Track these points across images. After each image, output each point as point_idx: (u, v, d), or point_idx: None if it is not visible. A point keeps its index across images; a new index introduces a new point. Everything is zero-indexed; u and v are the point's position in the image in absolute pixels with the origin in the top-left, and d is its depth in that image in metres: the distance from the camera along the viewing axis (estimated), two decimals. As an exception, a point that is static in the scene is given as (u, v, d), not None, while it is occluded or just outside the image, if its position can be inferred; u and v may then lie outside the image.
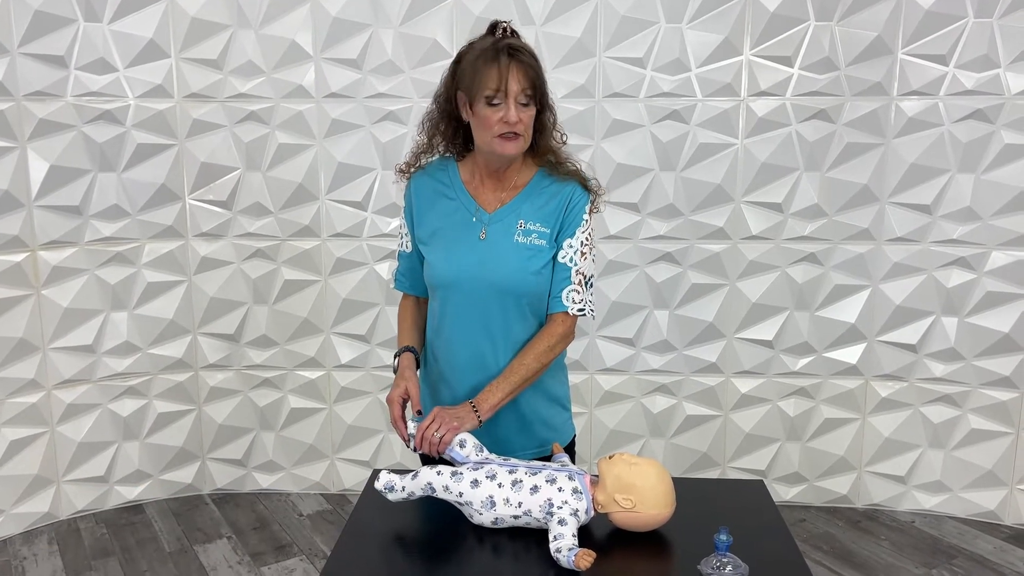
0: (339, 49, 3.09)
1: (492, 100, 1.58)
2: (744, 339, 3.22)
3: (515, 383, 1.66)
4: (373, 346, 3.32)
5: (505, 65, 1.57)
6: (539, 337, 1.70)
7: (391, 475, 1.57)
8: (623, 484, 1.50)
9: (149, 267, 3.20)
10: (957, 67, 2.93)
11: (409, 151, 1.79)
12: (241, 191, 3.20)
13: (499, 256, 1.67)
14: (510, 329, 1.70)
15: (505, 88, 1.57)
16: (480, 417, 1.62)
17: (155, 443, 3.33)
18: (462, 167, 1.76)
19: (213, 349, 3.33)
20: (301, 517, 3.26)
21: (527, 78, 1.59)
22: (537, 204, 1.70)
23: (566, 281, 1.70)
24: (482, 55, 1.59)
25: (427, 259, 1.74)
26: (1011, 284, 3.01)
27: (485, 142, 1.64)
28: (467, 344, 1.71)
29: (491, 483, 1.51)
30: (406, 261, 1.82)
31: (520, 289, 1.68)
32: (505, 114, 1.58)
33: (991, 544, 3.04)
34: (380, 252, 3.24)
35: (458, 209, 1.72)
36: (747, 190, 3.09)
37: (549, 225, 1.69)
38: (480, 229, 1.70)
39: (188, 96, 3.11)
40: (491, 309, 1.68)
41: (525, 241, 1.68)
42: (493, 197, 1.72)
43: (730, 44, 3.00)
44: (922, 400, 3.19)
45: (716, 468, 3.33)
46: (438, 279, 1.72)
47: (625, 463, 1.52)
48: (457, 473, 1.53)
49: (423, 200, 1.76)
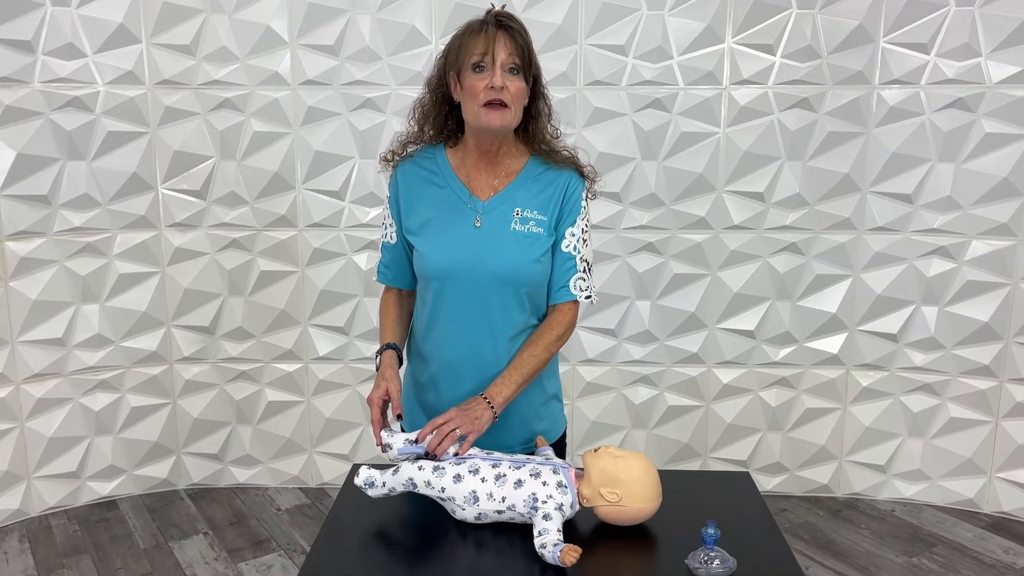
0: (315, 35, 3.02)
1: (478, 65, 1.55)
2: (726, 329, 3.20)
3: (526, 374, 1.63)
4: (352, 338, 3.27)
5: (492, 32, 1.55)
6: (547, 327, 1.67)
7: (371, 471, 1.53)
8: (608, 478, 1.47)
9: (121, 258, 3.13)
10: (938, 56, 2.92)
11: (394, 138, 1.74)
12: (215, 180, 3.14)
13: (496, 244, 1.63)
14: (509, 321, 1.66)
15: (492, 53, 1.54)
16: (495, 412, 1.58)
17: (129, 438, 3.26)
18: (451, 154, 1.71)
19: (188, 342, 3.26)
20: (279, 512, 3.21)
21: (515, 46, 1.56)
22: (533, 191, 1.66)
23: (572, 270, 1.67)
24: (470, 26, 1.58)
25: (418, 249, 1.68)
26: (990, 273, 3.01)
27: (472, 114, 1.59)
28: (464, 338, 1.66)
29: (474, 478, 1.48)
30: (390, 253, 1.76)
31: (520, 278, 1.64)
32: (490, 80, 1.54)
33: (970, 532, 3.06)
34: (358, 242, 3.18)
35: (449, 197, 1.68)
36: (729, 179, 3.07)
37: (546, 213, 1.66)
38: (474, 217, 1.65)
39: (160, 83, 3.04)
40: (489, 300, 1.64)
41: (523, 229, 1.64)
42: (486, 184, 1.67)
43: (712, 32, 2.97)
44: (902, 389, 3.20)
45: (698, 459, 3.32)
46: (432, 270, 1.66)
47: (610, 456, 1.50)
48: (439, 468, 1.49)
49: (411, 189, 1.70)
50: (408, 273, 1.77)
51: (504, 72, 1.55)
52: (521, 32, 1.58)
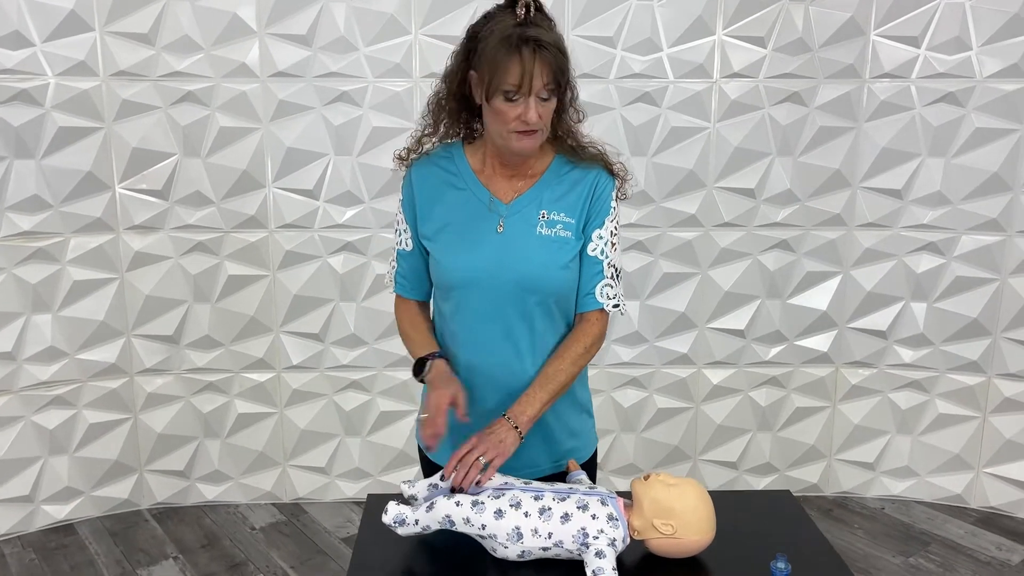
0: (286, 24, 2.83)
1: (511, 95, 1.40)
2: (716, 329, 3.13)
3: (553, 391, 1.50)
4: (327, 345, 3.10)
5: (529, 59, 1.37)
6: (574, 339, 1.54)
7: (401, 507, 1.39)
8: (662, 508, 1.36)
9: (75, 264, 2.90)
10: (929, 49, 2.88)
11: (410, 135, 1.59)
12: (178, 179, 2.92)
13: (521, 250, 1.50)
14: (536, 332, 1.53)
15: (529, 85, 1.38)
16: (521, 433, 1.45)
17: (86, 456, 3.03)
18: (470, 153, 1.57)
19: (150, 352, 3.04)
20: (254, 531, 3.02)
21: (551, 72, 1.39)
22: (559, 192, 1.53)
23: (599, 276, 1.54)
24: (503, 43, 1.37)
25: (435, 257, 1.55)
26: (979, 269, 3.00)
27: (499, 135, 1.46)
28: (487, 352, 1.53)
29: (516, 512, 1.35)
30: (407, 261, 1.62)
31: (548, 286, 1.51)
32: (524, 112, 1.40)
33: (961, 529, 3.05)
34: (334, 244, 3.01)
35: (469, 200, 1.54)
36: (720, 176, 2.99)
37: (574, 215, 1.53)
38: (497, 221, 1.52)
39: (115, 74, 2.81)
40: (514, 310, 1.51)
41: (549, 233, 1.51)
42: (507, 186, 1.54)
43: (703, 23, 2.87)
44: (891, 386, 3.17)
45: (687, 461, 3.24)
46: (451, 279, 1.53)
47: (662, 484, 1.39)
48: (478, 503, 1.36)
49: (427, 191, 1.56)
50: (425, 282, 1.63)
51: (537, 100, 1.40)
52: (558, 51, 1.39)
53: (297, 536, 2.99)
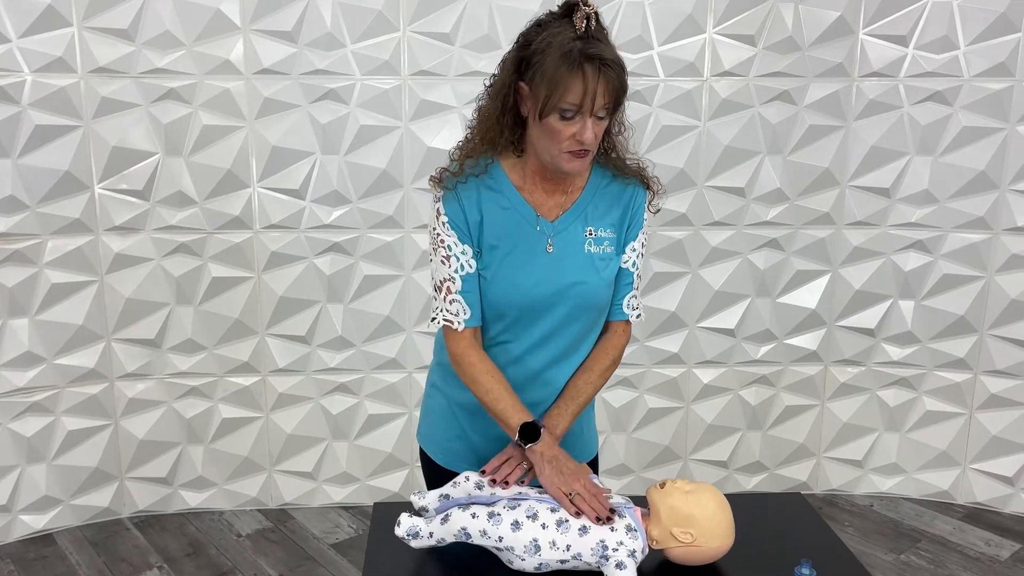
0: (271, 20, 2.77)
1: (568, 114, 1.34)
2: (706, 328, 3.12)
3: (582, 404, 1.51)
4: (314, 348, 3.04)
5: (592, 78, 1.31)
6: (603, 351, 1.55)
7: (415, 519, 1.35)
8: (680, 516, 1.34)
9: (53, 266, 2.81)
10: (917, 48, 2.89)
11: (453, 152, 1.49)
12: (160, 179, 2.85)
13: (573, 270, 1.48)
14: (581, 348, 1.54)
15: (591, 104, 1.33)
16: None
17: (65, 464, 2.95)
18: (508, 169, 1.48)
19: (131, 357, 2.97)
20: (240, 538, 2.96)
21: (613, 92, 1.34)
22: (601, 207, 1.51)
23: (628, 287, 1.55)
24: (564, 59, 1.30)
25: (486, 279, 1.48)
26: (966, 266, 3.02)
27: (548, 153, 1.40)
28: (530, 367, 1.51)
29: (534, 524, 1.32)
30: (470, 286, 1.48)
31: (598, 304, 1.51)
32: (580, 132, 1.35)
33: (949, 525, 3.07)
34: (321, 245, 2.95)
35: (515, 218, 1.48)
36: (710, 174, 2.98)
37: (617, 230, 1.52)
38: (545, 240, 1.48)
39: (94, 71, 2.73)
40: (562, 327, 1.50)
41: (597, 251, 1.49)
42: (550, 201, 1.49)
43: (693, 21, 2.86)
44: (879, 384, 3.19)
45: (678, 461, 3.23)
46: (507, 301, 1.48)
47: (680, 491, 1.36)
48: (495, 515, 1.32)
49: (477, 210, 1.46)
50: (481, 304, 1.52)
51: (594, 119, 1.35)
52: (619, 74, 1.33)
53: (285, 543, 2.94)
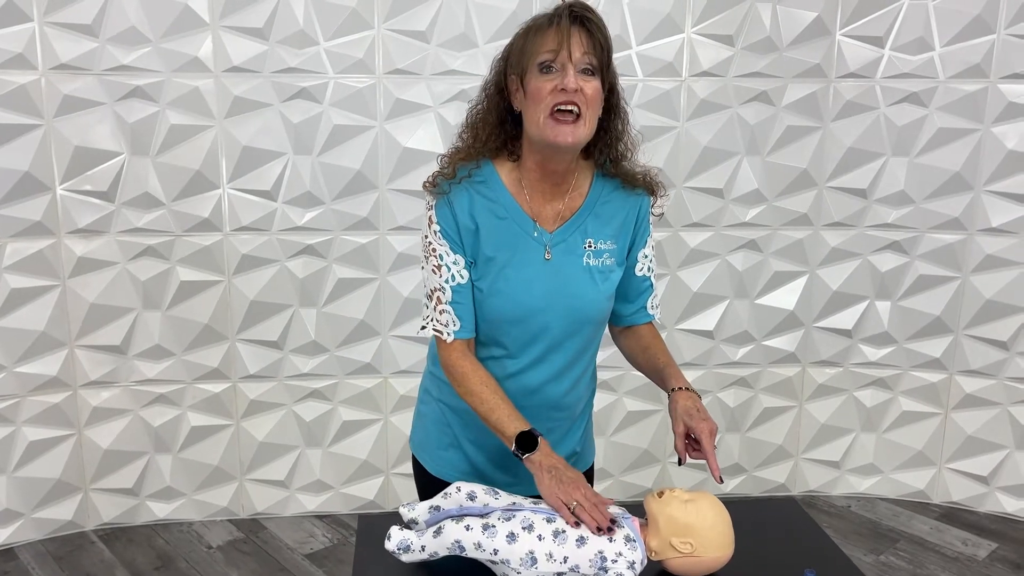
0: (241, 16, 2.69)
1: (547, 65, 1.31)
2: (685, 330, 3.10)
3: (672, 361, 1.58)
4: (286, 353, 2.96)
5: (566, 26, 1.30)
6: (656, 337, 1.60)
7: (405, 532, 1.30)
8: (679, 526, 1.30)
9: (12, 271, 2.70)
10: (893, 49, 2.90)
11: (443, 158, 1.45)
12: (125, 180, 2.75)
13: (570, 282, 1.43)
14: (576, 361, 1.49)
15: (567, 49, 1.29)
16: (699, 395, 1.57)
17: (25, 476, 2.84)
18: (505, 176, 1.43)
19: (95, 364, 2.86)
20: (210, 549, 2.87)
21: (593, 44, 1.31)
22: (603, 218, 1.45)
23: (649, 291, 1.57)
24: (536, 20, 1.34)
25: (483, 291, 1.43)
26: (942, 267, 3.03)
27: (537, 126, 1.33)
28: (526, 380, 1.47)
29: (530, 536, 1.27)
30: (464, 296, 1.43)
31: (596, 317, 1.48)
32: (562, 80, 1.30)
33: (927, 525, 3.08)
34: (293, 247, 2.88)
35: (511, 228, 1.42)
36: (689, 175, 2.96)
37: (619, 241, 1.48)
38: (543, 251, 1.43)
39: (56, 67, 2.63)
40: (561, 340, 1.45)
41: (597, 263, 1.45)
42: (549, 210, 1.44)
43: (672, 21, 2.83)
44: (856, 385, 3.19)
45: (656, 464, 3.21)
46: (503, 314, 1.43)
47: (678, 501, 1.32)
48: (489, 527, 1.27)
49: (470, 220, 1.41)
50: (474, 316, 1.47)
51: (578, 73, 1.31)
52: (600, 28, 1.33)
53: (257, 554, 2.85)
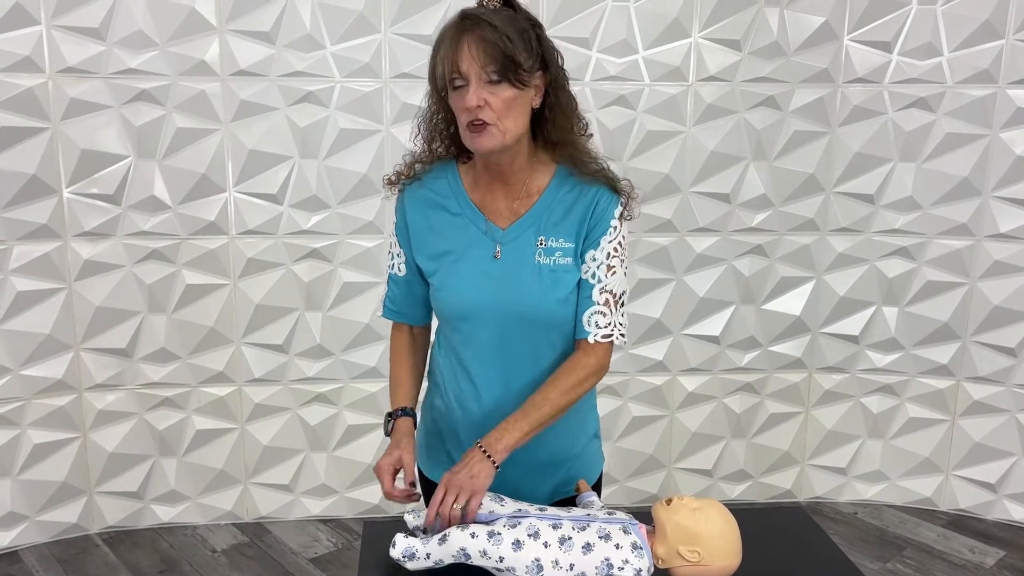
0: (248, 20, 2.69)
1: (454, 84, 1.32)
2: (691, 335, 3.09)
3: (536, 421, 1.37)
4: (291, 357, 2.96)
5: (453, 40, 1.30)
6: (567, 369, 1.42)
7: (410, 540, 1.29)
8: (687, 534, 1.29)
9: (19, 273, 2.70)
10: (901, 54, 2.89)
11: (402, 158, 1.50)
12: (132, 183, 2.75)
13: (518, 280, 1.40)
14: (539, 366, 1.44)
15: (458, 68, 1.30)
16: (495, 463, 1.34)
17: (31, 479, 2.84)
18: (464, 173, 1.47)
19: (100, 367, 2.86)
20: (215, 553, 2.87)
21: (486, 52, 1.28)
22: (558, 214, 1.42)
23: (588, 301, 1.41)
24: (441, 32, 1.33)
25: (434, 286, 1.46)
26: (949, 273, 3.02)
27: (463, 138, 1.37)
28: (491, 386, 1.45)
29: (535, 543, 1.26)
30: (399, 287, 1.54)
31: (547, 319, 1.41)
32: (467, 97, 1.30)
33: (933, 532, 3.06)
34: (299, 251, 2.87)
35: (465, 225, 1.44)
36: (695, 180, 2.95)
37: (573, 239, 1.41)
38: (493, 248, 1.42)
39: (63, 71, 2.63)
40: (516, 343, 1.43)
41: (547, 262, 1.41)
42: (504, 208, 1.44)
43: (679, 25, 2.83)
44: (863, 391, 3.17)
45: (662, 470, 3.19)
46: (451, 310, 1.44)
47: (686, 509, 1.31)
48: (495, 534, 1.27)
49: (420, 217, 1.46)
50: (419, 307, 1.54)
51: (482, 85, 1.30)
52: (492, 30, 1.28)
53: (261, 558, 2.85)
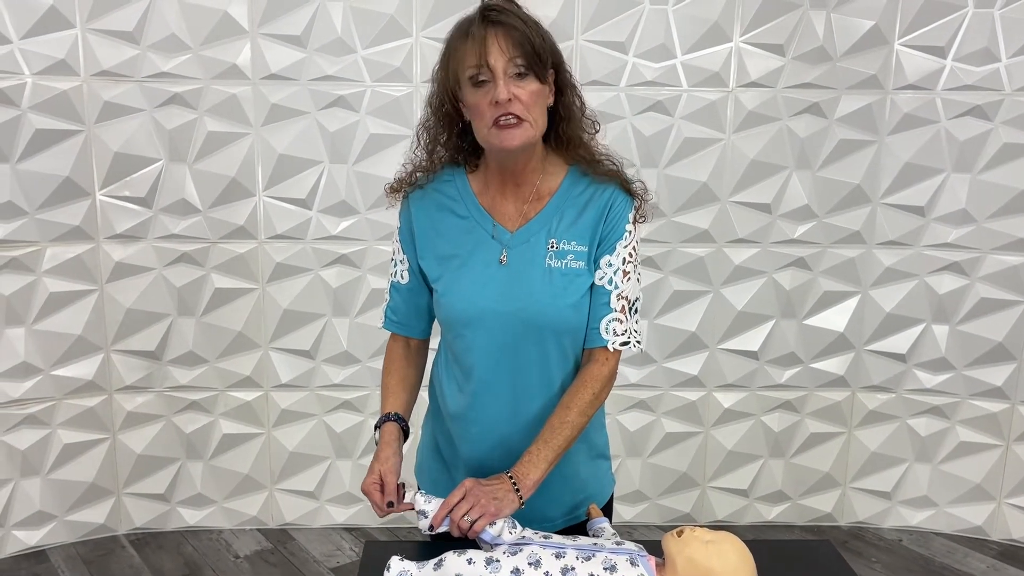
0: (280, 24, 2.68)
1: (477, 79, 1.27)
2: (728, 350, 2.98)
3: (558, 448, 1.33)
4: (319, 362, 2.93)
5: (481, 35, 1.25)
6: (581, 384, 1.36)
7: (405, 562, 1.23)
8: (699, 569, 1.20)
9: (51, 275, 2.72)
10: (955, 60, 2.75)
11: (402, 165, 1.45)
12: (163, 186, 2.76)
13: (526, 285, 1.35)
14: (549, 375, 1.38)
15: (486, 60, 1.25)
16: (522, 498, 1.29)
17: (60, 479, 2.86)
18: (473, 178, 1.42)
19: (130, 369, 2.87)
20: (238, 559, 2.85)
21: (514, 43, 1.26)
22: (570, 217, 1.37)
23: (604, 308, 1.37)
24: (458, 29, 1.30)
25: (437, 291, 1.40)
26: (1005, 290, 2.86)
27: (484, 136, 1.31)
28: (498, 395, 1.39)
29: (536, 572, 1.19)
30: (400, 295, 1.48)
31: (558, 325, 1.35)
32: (494, 92, 1.25)
33: (983, 563, 2.90)
34: (327, 256, 2.85)
35: (472, 228, 1.39)
36: (734, 189, 2.85)
37: (586, 242, 1.36)
38: (500, 252, 1.36)
39: (97, 74, 2.65)
40: (524, 350, 1.36)
41: (559, 265, 1.35)
42: (514, 211, 1.39)
43: (719, 29, 2.74)
44: (910, 412, 3.03)
45: (696, 488, 3.09)
46: (453, 316, 1.39)
47: (699, 542, 1.23)
48: (493, 561, 1.20)
49: (426, 221, 1.41)
50: (421, 319, 1.49)
51: (509, 79, 1.26)
52: (519, 22, 1.27)
53: (284, 565, 2.82)
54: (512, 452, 1.36)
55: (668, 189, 2.83)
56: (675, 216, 2.86)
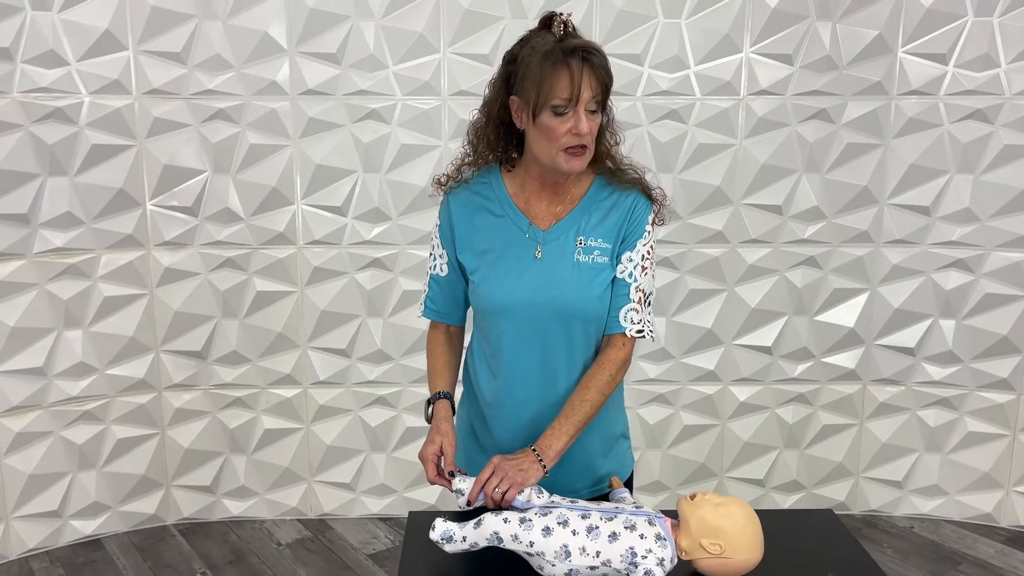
0: (316, 42, 2.86)
1: (560, 109, 1.41)
2: (742, 345, 3.12)
3: (579, 423, 1.49)
4: (354, 361, 3.11)
5: (578, 70, 1.38)
6: (599, 366, 1.52)
7: (448, 523, 1.39)
8: (709, 528, 1.36)
9: (106, 280, 2.92)
10: (957, 66, 2.88)
11: (450, 163, 1.61)
12: (208, 196, 2.95)
13: (557, 277, 1.51)
14: (575, 359, 1.54)
15: (577, 96, 1.39)
16: (545, 467, 1.45)
17: (114, 472, 3.05)
18: (508, 179, 1.58)
19: (178, 368, 3.06)
20: (280, 547, 3.02)
21: (600, 83, 1.41)
22: (597, 217, 1.54)
23: (624, 299, 1.53)
24: (548, 57, 1.39)
25: (475, 283, 1.56)
26: (1009, 286, 2.98)
27: (547, 155, 1.46)
28: (528, 378, 1.54)
29: (564, 530, 1.35)
30: (439, 286, 1.64)
31: (585, 313, 1.51)
32: (575, 125, 1.40)
33: (992, 548, 3.02)
34: (361, 260, 3.02)
35: (507, 226, 1.55)
36: (746, 192, 2.99)
37: (611, 240, 1.53)
38: (534, 247, 1.53)
39: (148, 92, 2.84)
40: (553, 337, 1.52)
41: (586, 260, 1.51)
42: (547, 211, 1.55)
43: (730, 40, 2.89)
44: (919, 404, 3.15)
45: (714, 479, 3.23)
46: (490, 305, 1.54)
47: (709, 504, 1.38)
48: (526, 520, 1.36)
49: (465, 218, 1.58)
50: (458, 308, 1.66)
51: (586, 113, 1.41)
52: (604, 64, 1.42)
53: (323, 552, 2.99)
54: (541, 431, 1.51)
55: (683, 193, 2.98)
56: (690, 218, 3.00)
